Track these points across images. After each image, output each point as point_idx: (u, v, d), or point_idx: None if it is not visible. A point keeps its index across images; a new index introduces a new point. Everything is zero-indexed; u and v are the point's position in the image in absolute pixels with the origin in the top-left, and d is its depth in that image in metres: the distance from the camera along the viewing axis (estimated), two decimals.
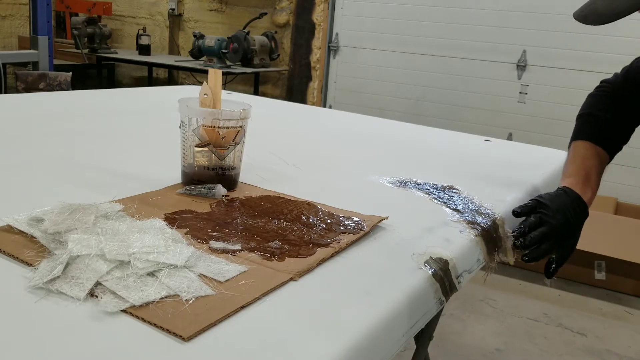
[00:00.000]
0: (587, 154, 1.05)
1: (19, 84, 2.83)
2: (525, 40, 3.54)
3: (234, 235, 0.69)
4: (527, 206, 0.93)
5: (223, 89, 1.01)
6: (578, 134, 1.09)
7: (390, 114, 3.86)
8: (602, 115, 1.08)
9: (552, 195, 0.96)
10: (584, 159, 1.04)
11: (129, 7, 5.32)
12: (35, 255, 0.59)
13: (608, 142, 1.07)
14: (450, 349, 2.24)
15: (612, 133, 1.08)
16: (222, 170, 0.86)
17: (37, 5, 3.27)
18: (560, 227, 0.91)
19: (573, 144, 1.09)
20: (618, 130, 1.09)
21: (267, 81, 4.63)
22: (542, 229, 0.90)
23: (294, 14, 4.34)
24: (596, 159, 1.05)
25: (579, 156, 1.06)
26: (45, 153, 1.02)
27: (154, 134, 1.29)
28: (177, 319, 0.50)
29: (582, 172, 1.02)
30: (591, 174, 1.02)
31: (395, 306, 0.59)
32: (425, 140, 1.52)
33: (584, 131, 1.09)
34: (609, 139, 1.08)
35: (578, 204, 0.96)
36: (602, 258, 2.82)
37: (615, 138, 1.09)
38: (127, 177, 0.91)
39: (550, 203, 0.93)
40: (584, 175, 1.01)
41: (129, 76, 5.44)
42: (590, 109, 1.11)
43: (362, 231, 0.75)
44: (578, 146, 1.08)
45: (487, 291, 2.73)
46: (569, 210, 0.94)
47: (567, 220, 0.92)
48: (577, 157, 1.05)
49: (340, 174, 1.09)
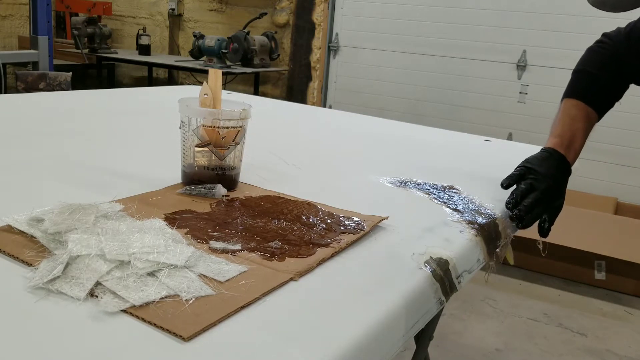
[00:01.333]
0: (577, 114, 1.06)
1: (19, 84, 2.83)
2: (525, 40, 3.54)
3: (234, 235, 0.69)
4: (515, 175, 0.95)
5: (223, 89, 1.01)
6: (571, 92, 1.09)
7: (390, 114, 3.86)
8: (597, 74, 1.08)
9: (539, 158, 0.99)
10: (572, 120, 1.05)
11: (129, 7, 5.32)
12: (35, 255, 0.59)
13: (600, 103, 1.08)
14: (450, 349, 2.24)
15: (605, 93, 1.08)
16: (222, 170, 0.86)
17: (37, 5, 3.27)
18: (550, 190, 0.94)
19: (564, 102, 1.09)
20: (611, 91, 1.09)
21: (267, 81, 4.63)
22: (534, 194, 0.92)
23: (294, 14, 4.34)
24: (585, 121, 1.05)
25: (567, 116, 1.06)
26: (45, 153, 1.02)
27: (154, 134, 1.29)
28: (177, 319, 0.50)
29: (568, 133, 1.03)
30: (577, 136, 1.03)
31: (395, 306, 0.59)
32: (425, 140, 1.52)
33: (577, 89, 1.09)
34: (601, 99, 1.08)
35: (563, 165, 0.99)
36: (602, 258, 2.82)
37: (607, 98, 1.09)
38: (127, 177, 0.91)
39: (538, 167, 0.96)
40: (569, 137, 1.03)
41: (129, 76, 5.44)
42: (587, 66, 1.11)
43: (362, 231, 0.75)
44: (569, 105, 1.08)
45: (487, 291, 2.73)
46: (556, 172, 0.97)
47: (555, 182, 0.95)
48: (566, 117, 1.06)
49: (340, 174, 1.09)
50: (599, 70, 1.08)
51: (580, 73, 1.11)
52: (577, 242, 2.86)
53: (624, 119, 3.26)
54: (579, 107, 1.06)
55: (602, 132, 3.32)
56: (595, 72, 1.08)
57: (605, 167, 3.41)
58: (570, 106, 1.07)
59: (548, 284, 2.88)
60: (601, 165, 3.41)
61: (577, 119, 1.05)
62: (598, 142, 3.34)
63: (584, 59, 1.12)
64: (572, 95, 1.08)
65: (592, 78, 1.08)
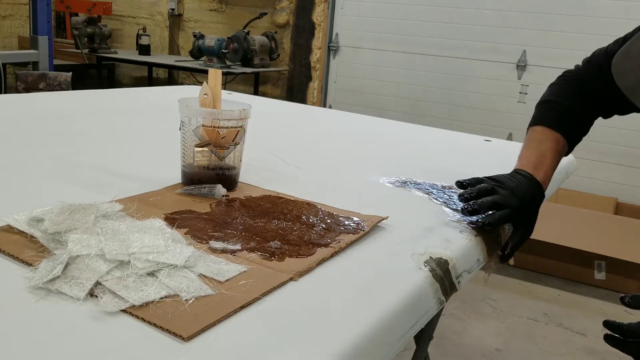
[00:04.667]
0: (543, 138, 0.99)
1: (19, 84, 2.83)
2: (525, 40, 3.54)
3: (234, 235, 0.69)
4: (475, 179, 0.89)
5: (223, 89, 1.01)
6: (536, 120, 1.03)
7: (390, 114, 3.86)
8: (562, 102, 1.02)
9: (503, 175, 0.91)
10: (539, 143, 0.98)
11: (129, 7, 5.32)
12: (35, 255, 0.59)
13: (568, 129, 1.01)
14: (450, 349, 2.24)
15: (572, 120, 1.02)
16: (222, 170, 0.86)
17: (37, 5, 3.27)
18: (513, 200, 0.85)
19: (530, 130, 1.03)
20: (578, 118, 1.03)
21: (267, 81, 4.63)
22: (495, 196, 0.84)
23: (294, 14, 4.34)
24: (552, 143, 0.98)
25: (534, 140, 0.99)
26: (45, 153, 1.02)
27: (154, 134, 1.29)
28: (177, 319, 0.50)
29: (535, 154, 0.96)
30: (546, 156, 0.96)
31: (395, 306, 0.59)
32: (425, 140, 1.52)
33: (542, 117, 1.03)
34: (569, 125, 1.01)
35: (531, 183, 0.90)
36: (602, 258, 2.83)
37: (575, 125, 1.02)
38: (127, 177, 0.91)
39: (501, 178, 0.89)
40: (537, 158, 0.95)
41: (129, 76, 5.44)
42: (550, 97, 1.05)
43: (362, 231, 0.75)
44: (534, 131, 1.01)
45: (487, 291, 2.73)
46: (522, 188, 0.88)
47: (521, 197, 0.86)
48: (532, 142, 0.99)
49: (340, 174, 1.09)
50: (564, 99, 1.03)
51: (545, 103, 1.05)
52: (577, 242, 2.86)
53: (624, 119, 3.25)
54: (545, 132, 1.00)
55: (602, 132, 3.32)
56: (560, 101, 1.03)
57: (605, 167, 3.41)
58: (536, 132, 1.01)
59: (548, 284, 2.88)
60: (601, 165, 3.41)
61: (543, 141, 0.98)
62: (598, 142, 3.34)
63: (547, 92, 1.07)
64: (538, 123, 1.02)
65: (557, 106, 1.02)
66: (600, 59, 1.03)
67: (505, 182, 0.87)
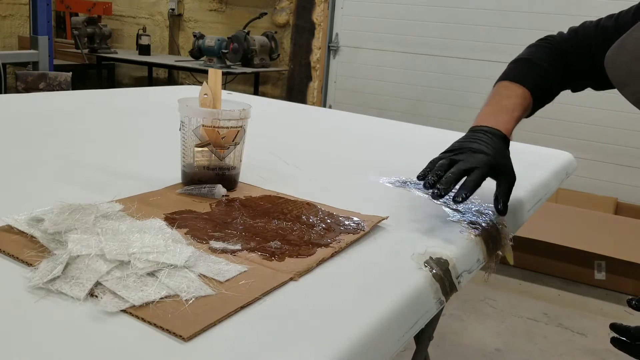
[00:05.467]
0: (509, 93, 0.93)
1: (19, 84, 2.83)
2: (525, 40, 3.51)
3: (234, 235, 0.69)
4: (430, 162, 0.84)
5: (223, 89, 1.01)
6: (507, 75, 0.97)
7: (390, 114, 3.86)
8: (540, 64, 0.97)
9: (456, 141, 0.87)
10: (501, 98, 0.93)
11: (129, 7, 5.32)
12: (35, 255, 0.59)
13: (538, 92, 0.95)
14: (450, 349, 2.24)
15: (546, 84, 0.97)
16: (222, 170, 0.86)
17: (37, 5, 3.27)
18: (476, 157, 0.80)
19: (496, 85, 0.97)
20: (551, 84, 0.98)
21: (267, 81, 4.63)
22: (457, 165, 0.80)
23: (294, 14, 4.34)
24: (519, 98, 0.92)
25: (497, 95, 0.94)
26: (45, 153, 1.02)
27: (154, 134, 1.29)
28: (177, 319, 0.50)
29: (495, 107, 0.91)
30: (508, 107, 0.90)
31: (395, 306, 0.59)
32: (426, 140, 1.52)
33: (516, 73, 0.97)
34: (542, 88, 0.96)
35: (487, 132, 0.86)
36: (602, 258, 2.83)
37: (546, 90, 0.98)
38: (127, 177, 0.91)
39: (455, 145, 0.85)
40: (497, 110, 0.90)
41: (129, 76, 5.44)
42: (528, 56, 1.01)
43: (362, 231, 0.75)
44: (500, 86, 0.96)
45: (487, 291, 2.73)
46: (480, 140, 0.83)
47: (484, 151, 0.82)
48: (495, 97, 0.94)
49: (340, 174, 1.09)
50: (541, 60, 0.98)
51: (520, 61, 1.00)
52: (577, 242, 2.86)
53: (624, 119, 3.26)
54: (512, 87, 0.94)
55: (602, 132, 3.32)
56: (541, 63, 0.97)
57: (605, 167, 3.41)
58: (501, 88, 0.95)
59: (548, 284, 2.88)
60: (601, 165, 3.41)
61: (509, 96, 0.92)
62: (598, 142, 3.34)
63: (525, 52, 1.03)
64: (508, 78, 0.96)
65: (536, 66, 0.97)
66: (589, 34, 1.00)
67: (462, 146, 0.83)
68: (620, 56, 0.85)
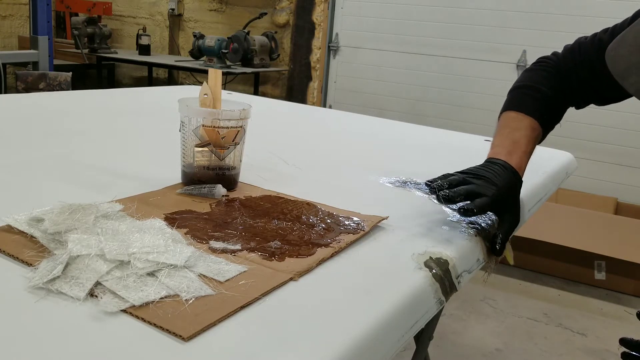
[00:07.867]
0: (517, 125, 0.94)
1: (19, 84, 2.83)
2: (525, 40, 3.54)
3: (234, 235, 0.69)
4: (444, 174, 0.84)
5: (223, 89, 1.01)
6: (510, 105, 0.97)
7: (390, 114, 3.86)
8: (539, 88, 0.97)
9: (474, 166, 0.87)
10: (512, 130, 0.93)
11: (129, 7, 5.32)
12: (35, 255, 0.59)
13: (544, 117, 0.96)
14: (450, 349, 2.24)
15: (549, 107, 0.97)
16: (222, 170, 0.86)
17: (37, 5, 3.27)
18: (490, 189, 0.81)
19: (502, 116, 0.97)
20: (555, 106, 0.99)
21: (267, 81, 4.63)
22: (470, 186, 0.80)
23: (294, 14, 4.34)
24: (528, 130, 0.93)
25: (507, 127, 0.94)
26: (45, 153, 1.02)
27: (154, 134, 1.29)
28: (177, 319, 0.50)
29: (507, 141, 0.91)
30: (520, 142, 0.91)
31: (395, 306, 0.59)
32: (425, 140, 1.52)
33: (517, 102, 0.97)
34: (546, 113, 0.97)
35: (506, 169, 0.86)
36: (602, 258, 2.83)
37: (551, 113, 0.98)
38: (127, 177, 0.91)
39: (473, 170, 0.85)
40: (509, 144, 0.90)
41: (129, 76, 5.44)
42: (527, 82, 1.00)
43: (362, 231, 0.75)
44: (507, 117, 0.96)
45: (487, 291, 2.73)
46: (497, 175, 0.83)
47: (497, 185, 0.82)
48: (505, 129, 0.94)
49: (340, 174, 1.09)
50: (540, 85, 0.98)
51: (520, 88, 1.00)
52: (577, 242, 2.86)
53: (624, 119, 3.26)
54: (519, 118, 0.95)
55: (602, 132, 3.32)
56: (537, 86, 0.98)
57: (605, 167, 3.41)
58: (510, 119, 0.96)
59: (548, 284, 2.88)
60: (601, 165, 3.41)
61: (518, 128, 0.93)
62: (598, 142, 3.34)
63: (522, 77, 1.03)
64: (512, 109, 0.97)
65: (534, 91, 0.98)
66: (587, 49, 1.00)
67: (479, 173, 0.84)
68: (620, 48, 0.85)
